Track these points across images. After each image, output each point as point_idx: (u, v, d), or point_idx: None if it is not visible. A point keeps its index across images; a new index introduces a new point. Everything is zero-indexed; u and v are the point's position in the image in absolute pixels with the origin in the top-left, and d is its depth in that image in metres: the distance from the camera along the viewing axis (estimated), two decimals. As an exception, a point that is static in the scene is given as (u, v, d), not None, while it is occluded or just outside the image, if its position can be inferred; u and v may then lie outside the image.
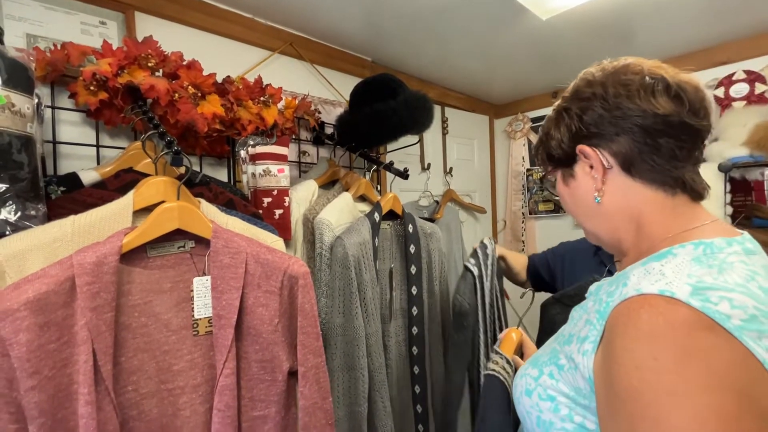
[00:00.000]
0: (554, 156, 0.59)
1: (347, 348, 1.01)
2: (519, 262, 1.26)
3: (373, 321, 1.04)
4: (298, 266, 0.74)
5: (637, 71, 0.50)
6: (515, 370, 0.78)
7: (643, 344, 0.39)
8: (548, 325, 0.90)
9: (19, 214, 0.60)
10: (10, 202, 0.60)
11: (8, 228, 0.60)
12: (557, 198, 0.65)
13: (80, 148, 0.92)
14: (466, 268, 1.05)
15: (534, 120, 2.18)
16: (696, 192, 0.50)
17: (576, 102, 0.54)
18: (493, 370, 0.76)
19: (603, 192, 0.53)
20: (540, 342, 0.84)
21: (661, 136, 0.48)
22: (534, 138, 2.17)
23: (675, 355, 0.37)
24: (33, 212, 0.63)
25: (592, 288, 0.58)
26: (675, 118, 0.47)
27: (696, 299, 0.38)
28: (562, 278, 1.21)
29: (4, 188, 0.59)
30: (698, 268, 0.42)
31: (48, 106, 0.85)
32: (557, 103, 0.59)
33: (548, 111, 0.62)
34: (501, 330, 1.11)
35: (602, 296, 0.50)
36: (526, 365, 0.61)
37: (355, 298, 1.00)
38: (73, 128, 0.91)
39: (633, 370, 0.39)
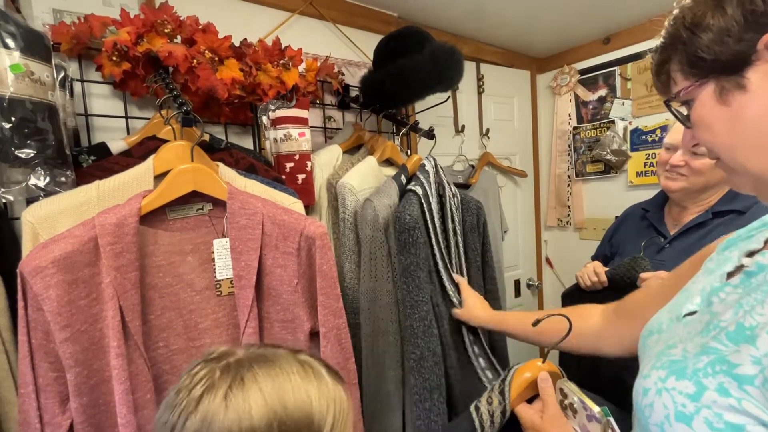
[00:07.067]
0: (705, 60, 0.40)
1: (381, 313, 0.99)
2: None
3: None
4: (314, 227, 0.72)
5: None
6: (503, 421, 0.59)
7: None
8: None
9: (47, 180, 0.63)
10: (39, 169, 0.63)
11: (41, 193, 0.63)
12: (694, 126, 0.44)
13: (112, 121, 0.95)
14: (410, 191, 1.01)
15: (582, 72, 1.95)
16: None
17: None
18: (477, 408, 0.59)
19: None
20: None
21: None
22: (582, 92, 1.96)
23: None
24: (62, 179, 0.66)
25: None
26: None
27: None
28: (619, 254, 1.12)
29: (32, 154, 0.61)
30: None
31: (77, 80, 0.88)
32: None
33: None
34: (465, 258, 1.08)
35: None
36: (650, 371, 0.42)
37: (386, 262, 0.98)
38: (104, 101, 0.94)
39: None
